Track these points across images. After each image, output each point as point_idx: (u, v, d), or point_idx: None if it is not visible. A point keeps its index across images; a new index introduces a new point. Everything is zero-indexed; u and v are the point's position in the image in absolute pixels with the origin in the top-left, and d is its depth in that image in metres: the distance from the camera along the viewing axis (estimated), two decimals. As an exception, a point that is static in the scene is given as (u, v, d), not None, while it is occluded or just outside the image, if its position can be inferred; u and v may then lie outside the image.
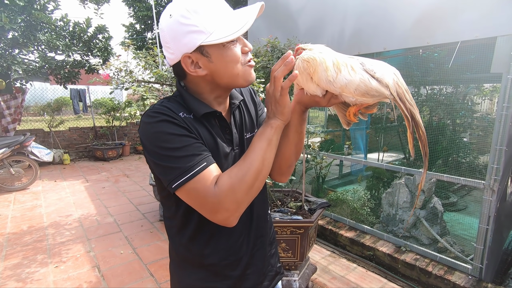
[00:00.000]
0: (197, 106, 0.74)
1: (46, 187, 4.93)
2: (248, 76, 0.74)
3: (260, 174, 0.68)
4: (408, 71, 3.76)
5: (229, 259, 0.80)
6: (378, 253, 2.74)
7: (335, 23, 3.12)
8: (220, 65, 0.70)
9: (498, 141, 2.08)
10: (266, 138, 0.70)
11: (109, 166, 6.52)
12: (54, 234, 3.23)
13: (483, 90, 4.57)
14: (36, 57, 4.55)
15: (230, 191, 0.64)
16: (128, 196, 4.49)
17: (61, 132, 7.11)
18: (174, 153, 0.65)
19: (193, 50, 0.68)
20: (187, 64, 0.70)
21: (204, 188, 0.64)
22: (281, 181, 0.92)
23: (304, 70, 0.65)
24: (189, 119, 0.72)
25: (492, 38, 2.09)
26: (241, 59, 0.71)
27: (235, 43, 0.71)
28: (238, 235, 0.81)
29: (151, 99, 3.66)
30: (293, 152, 0.83)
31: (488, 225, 2.19)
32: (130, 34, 10.55)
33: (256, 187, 0.68)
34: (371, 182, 3.87)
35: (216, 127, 0.78)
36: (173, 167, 0.65)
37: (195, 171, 0.64)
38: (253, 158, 0.67)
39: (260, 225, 0.88)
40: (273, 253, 0.95)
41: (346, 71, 0.61)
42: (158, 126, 0.67)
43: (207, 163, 0.66)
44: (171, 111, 0.70)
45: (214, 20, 0.66)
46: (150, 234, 3.26)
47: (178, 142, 0.66)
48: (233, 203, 0.64)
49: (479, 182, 2.23)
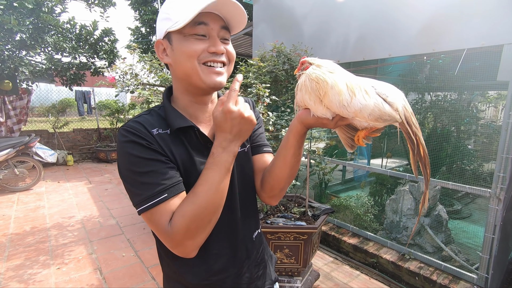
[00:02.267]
0: (173, 119, 0.71)
1: (50, 188, 4.95)
2: (206, 76, 0.68)
3: (219, 207, 0.65)
4: (412, 77, 3.76)
5: (210, 280, 0.75)
6: (381, 261, 2.71)
7: (340, 29, 3.13)
8: (178, 55, 0.68)
9: (505, 149, 2.06)
10: (225, 168, 0.64)
11: (112, 168, 6.53)
12: (56, 236, 3.24)
13: (488, 97, 4.55)
14: (43, 58, 4.60)
15: (184, 231, 0.61)
16: (131, 199, 4.50)
17: (65, 134, 7.16)
18: (138, 178, 0.64)
19: (164, 37, 0.70)
20: (159, 50, 0.72)
21: (158, 222, 0.62)
22: (271, 203, 0.86)
23: (312, 91, 0.61)
24: (164, 135, 0.69)
25: (498, 46, 2.08)
26: (200, 56, 0.67)
27: (203, 39, 0.67)
28: (218, 256, 0.76)
29: (156, 102, 3.68)
30: (287, 175, 0.77)
31: (494, 234, 2.16)
32: (136, 37, 10.65)
33: (213, 220, 0.65)
34: (374, 188, 3.85)
35: (196, 141, 0.73)
36: (136, 192, 0.64)
37: (152, 203, 0.62)
38: (209, 192, 0.62)
39: (245, 246, 0.81)
40: (260, 275, 0.86)
41: (361, 95, 0.58)
42: (126, 146, 0.65)
43: (168, 195, 0.63)
44: (143, 129, 0.67)
45: (181, 11, 0.66)
46: (152, 237, 3.25)
47: (144, 166, 0.64)
48: (188, 240, 0.62)
49: (485, 191, 2.21)
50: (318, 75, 0.60)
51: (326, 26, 3.29)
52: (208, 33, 0.68)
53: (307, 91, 0.62)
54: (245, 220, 0.81)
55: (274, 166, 0.77)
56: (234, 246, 0.78)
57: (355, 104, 0.58)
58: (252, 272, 0.83)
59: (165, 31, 0.68)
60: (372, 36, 2.87)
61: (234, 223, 0.78)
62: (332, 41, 3.23)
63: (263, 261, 0.88)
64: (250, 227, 0.84)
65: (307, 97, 0.62)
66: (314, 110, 0.63)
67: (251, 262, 0.83)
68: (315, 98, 0.61)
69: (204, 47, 0.67)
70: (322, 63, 0.64)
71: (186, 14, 0.64)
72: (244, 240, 0.81)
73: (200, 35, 0.67)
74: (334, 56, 3.17)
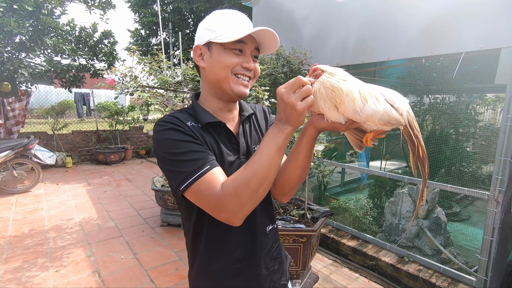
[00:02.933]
0: (202, 115, 0.81)
1: (48, 190, 4.93)
2: (235, 85, 0.80)
3: (266, 180, 0.68)
4: (411, 80, 3.77)
5: (230, 267, 0.83)
6: (380, 263, 2.71)
7: (339, 32, 3.15)
8: (214, 62, 0.79)
9: (503, 152, 2.07)
10: (276, 143, 0.69)
11: (111, 170, 6.53)
12: (55, 238, 3.23)
13: (486, 100, 4.57)
14: (42, 60, 4.60)
15: (233, 194, 0.66)
16: (130, 201, 4.49)
17: (64, 135, 7.15)
18: (179, 157, 0.71)
19: (204, 44, 0.81)
20: (196, 53, 0.82)
21: (207, 190, 0.68)
22: (281, 201, 0.92)
23: (328, 98, 0.65)
24: (196, 127, 0.79)
25: (496, 50, 2.10)
26: (233, 68, 0.78)
27: (239, 55, 0.79)
28: (237, 245, 0.83)
29: (155, 105, 3.68)
30: (298, 176, 0.82)
31: (493, 236, 2.17)
32: (136, 40, 10.67)
33: (260, 192, 0.68)
34: (373, 191, 3.85)
35: (223, 136, 0.83)
36: (179, 171, 0.70)
37: (199, 174, 0.68)
38: (260, 163, 0.67)
39: (261, 240, 0.88)
40: (276, 269, 0.92)
41: (372, 102, 0.63)
42: (165, 133, 0.74)
43: (211, 166, 0.70)
44: (179, 120, 0.77)
45: (225, 27, 0.77)
46: (151, 239, 3.25)
47: (183, 147, 0.71)
48: (236, 206, 0.66)
49: (484, 193, 2.21)
50: (333, 83, 0.64)
51: (325, 29, 3.30)
52: (244, 51, 0.80)
53: (322, 98, 0.65)
54: (261, 212, 0.88)
55: (285, 167, 0.82)
56: (252, 237, 0.85)
57: (367, 110, 0.62)
58: (268, 265, 0.89)
59: (207, 40, 0.79)
60: (371, 39, 2.89)
61: (253, 213, 0.82)
62: (331, 44, 3.25)
63: (279, 257, 0.94)
64: (264, 220, 0.90)
65: (322, 104, 0.66)
66: (328, 116, 0.67)
67: (266, 254, 0.89)
68: (330, 105, 0.65)
69: (239, 61, 0.79)
70: (335, 71, 0.67)
71: (232, 32, 0.76)
72: (260, 232, 0.88)
73: (237, 50, 0.78)
74: (333, 59, 3.19)
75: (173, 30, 9.74)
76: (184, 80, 3.79)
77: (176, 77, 3.76)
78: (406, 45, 2.61)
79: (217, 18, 0.80)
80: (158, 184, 3.66)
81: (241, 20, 0.79)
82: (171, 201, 3.45)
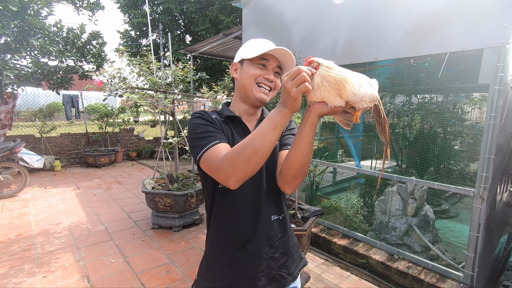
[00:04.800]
0: (225, 111, 1.05)
1: (36, 194, 4.83)
2: (257, 92, 1.00)
3: (258, 151, 0.79)
4: (400, 80, 3.83)
5: (234, 240, 0.98)
6: (371, 261, 2.74)
7: (329, 33, 3.18)
8: (244, 74, 1.01)
9: (487, 150, 2.12)
10: (272, 121, 0.81)
11: (101, 173, 6.43)
12: (42, 243, 3.16)
13: (473, 99, 4.67)
14: (28, 62, 4.51)
15: (229, 159, 0.81)
16: (120, 204, 4.43)
17: (53, 138, 7.01)
18: (198, 135, 0.93)
19: (238, 61, 1.04)
20: (232, 69, 1.07)
21: (213, 157, 0.86)
22: (285, 191, 1.01)
23: (331, 89, 0.78)
24: (218, 120, 1.02)
25: (479, 50, 2.15)
26: (257, 78, 0.99)
27: (262, 68, 1.00)
28: (242, 222, 0.98)
29: (145, 106, 3.65)
30: (301, 163, 0.90)
31: (479, 232, 2.21)
32: (125, 41, 10.54)
33: (253, 161, 0.80)
34: (364, 190, 3.89)
35: (239, 129, 1.04)
36: (197, 145, 0.91)
37: (209, 146, 0.88)
38: (256, 136, 0.80)
39: (264, 224, 1.00)
40: (275, 257, 1.02)
41: (364, 86, 0.79)
42: (194, 120, 0.98)
43: (219, 141, 0.90)
44: (206, 113, 1.00)
45: (254, 48, 1.00)
46: (142, 242, 3.21)
47: (203, 128, 0.94)
48: (230, 169, 0.81)
49: (469, 190, 2.26)
50: (335, 77, 0.77)
51: (314, 30, 3.33)
52: (267, 66, 1.00)
53: (326, 89, 0.78)
54: (267, 200, 1.01)
55: (289, 154, 0.91)
56: (255, 218, 0.99)
57: (362, 92, 0.78)
58: (268, 251, 1.00)
59: (240, 58, 1.03)
60: (359, 40, 2.92)
61: (260, 194, 1.00)
62: (320, 45, 3.28)
63: (281, 247, 1.04)
64: (269, 207, 1.02)
65: (326, 94, 0.79)
66: (332, 102, 0.80)
67: (267, 239, 1.00)
68: (334, 93, 0.78)
69: (261, 73, 0.99)
70: (330, 64, 0.81)
71: (257, 51, 0.98)
72: (264, 217, 1.00)
73: (261, 65, 0.99)
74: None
75: (163, 31, 9.67)
76: (174, 81, 3.77)
77: (166, 78, 3.73)
78: (393, 46, 2.65)
79: (250, 43, 1.03)
80: (149, 187, 3.62)
81: (266, 43, 1.00)
82: (162, 203, 3.42)
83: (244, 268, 0.97)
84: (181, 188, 3.55)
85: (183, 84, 3.92)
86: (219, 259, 0.99)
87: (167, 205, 3.41)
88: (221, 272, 0.98)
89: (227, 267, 0.98)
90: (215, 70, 9.06)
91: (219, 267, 0.99)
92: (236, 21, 8.91)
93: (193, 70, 4.03)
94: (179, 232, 3.49)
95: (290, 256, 1.06)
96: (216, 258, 1.00)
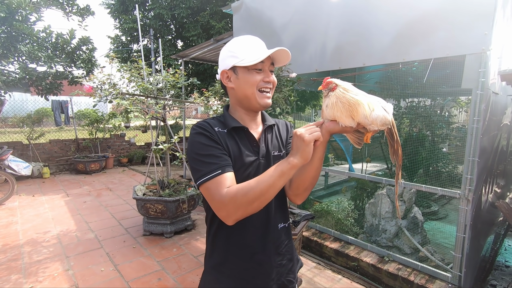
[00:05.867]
0: (229, 122, 0.98)
1: (23, 203, 4.73)
2: (261, 99, 0.96)
3: (262, 196, 0.81)
4: (389, 84, 3.91)
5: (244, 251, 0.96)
6: (362, 264, 2.77)
7: (318, 39, 3.23)
8: (241, 83, 0.95)
9: (471, 152, 2.18)
10: (281, 170, 0.82)
11: (91, 180, 6.34)
12: (30, 252, 3.09)
13: (460, 102, 4.79)
14: (16, 68, 4.44)
15: (232, 199, 0.81)
16: (111, 211, 4.37)
17: (41, 145, 6.88)
18: (200, 158, 0.88)
19: (229, 68, 0.96)
20: (223, 77, 0.99)
21: (214, 189, 0.84)
22: (295, 202, 1.03)
23: (344, 110, 0.82)
24: (222, 133, 0.95)
25: (462, 56, 2.22)
26: (258, 84, 0.95)
27: (260, 72, 0.95)
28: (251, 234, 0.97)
29: (136, 112, 3.63)
30: (312, 176, 0.93)
31: (465, 233, 2.26)
32: (116, 46, 10.48)
33: (255, 204, 0.81)
34: (355, 193, 3.93)
35: (245, 140, 0.99)
36: (198, 169, 0.87)
37: (210, 176, 0.85)
38: (262, 181, 0.81)
39: (273, 234, 1.00)
40: (283, 264, 1.03)
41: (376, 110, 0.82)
42: (195, 136, 0.92)
43: (222, 171, 0.86)
44: (209, 126, 0.94)
45: (246, 52, 0.93)
46: (133, 249, 3.17)
47: (205, 150, 0.89)
48: (232, 208, 0.81)
49: (455, 192, 2.32)
50: (349, 99, 0.82)
51: (304, 36, 3.38)
52: (263, 68, 0.95)
53: (339, 110, 0.83)
54: (276, 210, 1.01)
55: (301, 169, 0.91)
56: (265, 229, 0.98)
57: (373, 116, 0.81)
58: (276, 258, 1.00)
59: (232, 65, 0.95)
60: (347, 46, 2.98)
61: (269, 206, 0.97)
62: (310, 50, 3.33)
63: (288, 254, 1.05)
64: (277, 217, 1.02)
65: (339, 114, 0.83)
66: (343, 122, 0.84)
67: (275, 248, 1.00)
68: (346, 114, 0.82)
69: (261, 78, 0.95)
70: (347, 86, 0.85)
71: (252, 56, 0.92)
72: (272, 227, 1.00)
73: (258, 69, 0.94)
74: (312, 65, 3.26)
75: (154, 36, 9.66)
76: (165, 87, 3.77)
77: (157, 83, 3.72)
78: (380, 52, 2.71)
79: (237, 45, 0.95)
80: (140, 193, 3.59)
81: (258, 44, 0.96)
82: (153, 210, 3.40)
83: (255, 279, 0.97)
84: (173, 194, 3.53)
85: (174, 89, 3.92)
86: (228, 271, 0.97)
87: (158, 211, 3.38)
88: (232, 285, 0.97)
89: (238, 279, 0.97)
90: (206, 75, 9.07)
91: (230, 279, 0.97)
92: (227, 26, 8.96)
93: (185, 76, 4.04)
94: (171, 238, 3.46)
95: (295, 260, 1.09)
96: (225, 270, 0.98)
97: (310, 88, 4.67)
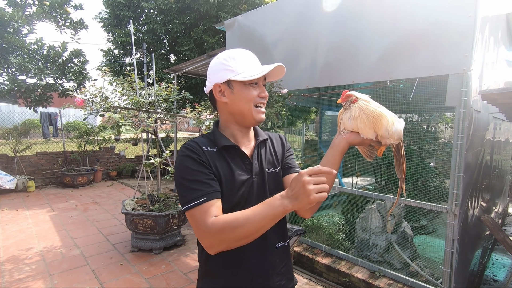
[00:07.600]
0: (219, 140, 0.93)
1: (6, 218, 4.55)
2: (256, 114, 0.93)
3: (250, 236, 0.77)
4: (377, 100, 4.03)
5: (242, 274, 0.92)
6: (353, 279, 2.75)
7: (308, 56, 3.33)
8: (237, 98, 0.91)
9: (456, 168, 2.25)
10: (273, 213, 0.75)
11: (78, 193, 6.18)
12: (11, 270, 2.96)
13: (445, 118, 4.96)
14: (5, 79, 4.39)
15: (218, 232, 0.77)
16: (98, 226, 4.25)
17: (27, 157, 6.72)
18: (186, 184, 0.85)
19: (223, 82, 0.91)
20: (216, 91, 0.93)
21: (199, 217, 0.81)
22: (305, 216, 0.98)
23: (368, 121, 0.83)
24: (211, 152, 0.91)
25: (445, 76, 2.33)
26: (255, 100, 0.92)
27: (256, 87, 0.92)
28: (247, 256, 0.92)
29: (127, 126, 3.61)
30: None
31: (453, 248, 2.30)
32: (108, 59, 10.49)
33: (241, 242, 0.78)
34: (346, 207, 3.96)
35: (236, 158, 0.94)
36: (183, 195, 0.84)
37: (195, 203, 0.82)
38: (252, 222, 0.76)
39: (271, 254, 0.96)
40: (282, 285, 0.99)
41: (395, 124, 0.84)
42: (183, 159, 0.88)
43: (206, 199, 0.82)
44: (197, 147, 0.90)
45: (243, 66, 0.90)
46: (120, 266, 3.08)
47: (191, 175, 0.85)
48: (217, 241, 0.78)
49: (443, 207, 2.36)
50: (373, 111, 0.83)
51: (294, 53, 3.48)
52: (258, 83, 0.93)
53: (362, 121, 0.83)
54: (273, 229, 0.92)
55: None
56: (261, 251, 0.94)
57: (393, 129, 0.83)
58: (275, 279, 0.96)
59: (227, 79, 0.90)
60: (336, 64, 3.08)
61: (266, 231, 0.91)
62: (300, 67, 3.42)
63: (287, 273, 1.01)
64: (275, 237, 0.98)
65: (362, 125, 0.84)
66: (365, 134, 0.85)
67: (273, 269, 0.96)
68: (369, 126, 0.83)
69: (257, 93, 0.92)
70: (368, 98, 0.87)
71: (251, 70, 0.90)
72: (269, 248, 0.96)
73: (254, 84, 0.92)
74: (302, 81, 3.34)
75: (147, 50, 9.73)
76: (157, 100, 3.78)
77: (149, 97, 3.73)
78: (368, 70, 2.81)
79: (232, 58, 0.91)
80: (129, 207, 3.52)
81: (253, 58, 0.94)
82: (142, 225, 3.33)
83: None
84: (163, 208, 3.47)
85: (166, 103, 3.93)
86: None
87: (147, 226, 3.31)
88: None
89: None
90: (199, 89, 9.13)
91: None
92: (220, 41, 9.13)
93: (177, 90, 4.06)
94: (160, 254, 3.38)
95: (292, 279, 1.05)
96: None
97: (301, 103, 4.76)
